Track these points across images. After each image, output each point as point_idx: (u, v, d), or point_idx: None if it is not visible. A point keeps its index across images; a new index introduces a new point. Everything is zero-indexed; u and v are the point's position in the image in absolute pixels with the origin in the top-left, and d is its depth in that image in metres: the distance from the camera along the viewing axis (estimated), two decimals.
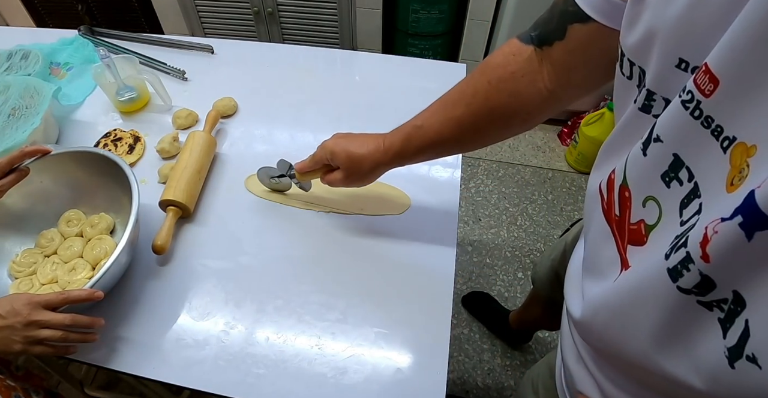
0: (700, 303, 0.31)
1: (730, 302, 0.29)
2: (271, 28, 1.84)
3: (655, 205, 0.37)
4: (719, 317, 0.30)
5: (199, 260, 0.70)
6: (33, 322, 0.51)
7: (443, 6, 1.64)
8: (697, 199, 0.32)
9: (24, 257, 0.68)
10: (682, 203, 0.34)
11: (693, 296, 0.31)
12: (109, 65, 0.84)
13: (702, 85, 0.30)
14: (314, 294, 0.66)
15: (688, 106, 0.32)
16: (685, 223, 0.33)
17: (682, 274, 0.31)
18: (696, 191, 0.33)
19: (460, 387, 1.29)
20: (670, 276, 0.32)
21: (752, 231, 0.26)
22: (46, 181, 0.70)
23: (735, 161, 0.30)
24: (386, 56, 1.04)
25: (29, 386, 0.65)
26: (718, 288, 0.29)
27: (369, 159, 0.60)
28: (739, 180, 0.29)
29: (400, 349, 0.61)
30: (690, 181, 0.33)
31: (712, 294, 0.30)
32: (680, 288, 0.31)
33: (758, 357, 0.27)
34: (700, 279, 0.30)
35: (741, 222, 0.26)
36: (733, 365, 0.29)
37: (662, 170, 0.35)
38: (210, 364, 0.60)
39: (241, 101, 0.92)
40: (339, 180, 0.64)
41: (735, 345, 0.29)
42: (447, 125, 0.56)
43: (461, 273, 1.51)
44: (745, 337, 0.28)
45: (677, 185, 0.34)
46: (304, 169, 0.68)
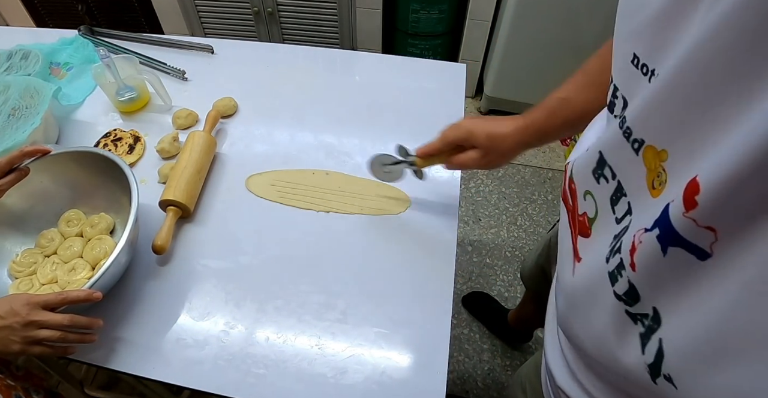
0: (628, 314, 0.31)
1: (650, 318, 0.29)
2: (271, 28, 1.84)
3: (592, 199, 0.37)
4: (640, 331, 0.30)
5: (199, 260, 0.70)
6: (31, 322, 0.51)
7: (443, 6, 1.64)
8: (624, 198, 0.33)
9: (24, 257, 0.68)
10: (612, 200, 0.34)
11: (623, 304, 0.31)
12: (109, 65, 0.84)
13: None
14: (314, 294, 0.66)
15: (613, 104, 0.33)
16: (620, 221, 0.33)
17: (617, 279, 0.31)
18: (621, 189, 0.33)
19: (460, 387, 1.29)
20: (609, 280, 0.32)
21: (666, 246, 0.26)
22: (46, 181, 0.70)
23: (649, 164, 0.30)
24: (386, 56, 1.04)
25: (29, 386, 0.65)
26: (642, 300, 0.29)
27: (511, 137, 0.59)
28: (659, 184, 0.29)
29: (400, 349, 0.61)
30: (614, 179, 0.34)
31: (637, 306, 0.30)
32: (615, 294, 0.31)
33: (673, 377, 0.27)
34: (628, 287, 0.30)
35: (658, 235, 0.26)
36: (655, 381, 0.29)
37: (593, 166, 0.36)
38: (210, 364, 0.60)
39: (241, 101, 0.92)
40: (475, 160, 0.61)
41: (653, 362, 0.29)
42: (594, 92, 0.53)
43: (461, 273, 1.51)
44: (660, 356, 0.28)
45: (605, 182, 0.35)
46: (431, 152, 0.64)
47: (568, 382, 0.44)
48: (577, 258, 0.40)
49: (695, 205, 0.23)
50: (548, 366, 0.50)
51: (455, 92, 0.93)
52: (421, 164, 0.66)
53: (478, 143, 0.60)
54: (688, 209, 0.24)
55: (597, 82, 0.54)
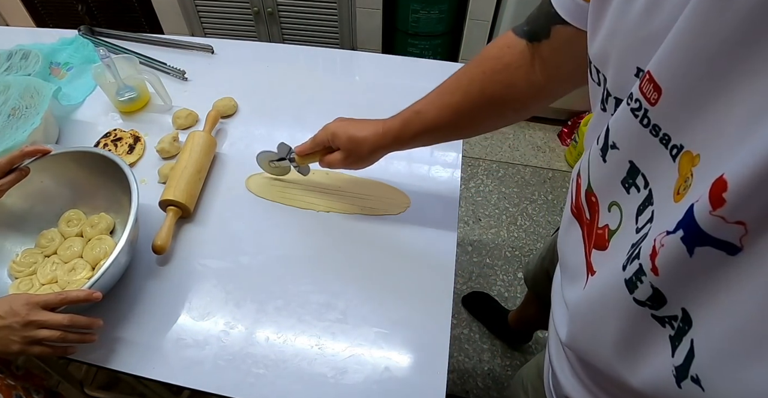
0: (654, 318, 0.31)
1: (680, 320, 0.29)
2: (271, 28, 1.84)
3: (618, 211, 0.37)
4: (670, 334, 0.30)
5: (199, 260, 0.70)
6: (31, 322, 0.51)
7: (443, 6, 1.64)
8: (651, 207, 0.32)
9: (24, 257, 0.68)
10: (639, 210, 0.34)
11: (647, 309, 0.31)
12: (109, 65, 0.84)
13: (647, 93, 0.30)
14: (314, 294, 0.66)
15: (637, 114, 0.32)
16: (640, 231, 0.33)
17: (637, 286, 0.30)
18: (650, 198, 0.33)
19: (460, 387, 1.29)
20: (627, 287, 0.32)
21: (693, 247, 0.26)
22: (47, 180, 0.70)
23: (682, 170, 0.29)
24: (386, 56, 1.04)
25: (29, 385, 0.65)
26: (668, 303, 0.29)
27: (368, 141, 0.62)
28: (684, 189, 0.29)
29: (400, 349, 0.61)
30: (645, 187, 0.34)
31: (664, 309, 0.30)
32: (636, 300, 0.31)
33: (701, 378, 0.27)
34: (652, 292, 0.29)
35: (682, 237, 0.26)
36: (680, 384, 0.28)
37: (621, 176, 0.36)
38: (210, 364, 0.60)
39: (241, 101, 0.92)
40: (338, 161, 0.65)
41: (681, 364, 0.28)
42: (444, 111, 0.58)
43: (461, 273, 1.51)
44: (690, 358, 0.28)
45: (635, 191, 0.35)
46: (305, 151, 0.69)
47: (576, 389, 0.44)
48: (591, 272, 0.40)
49: (723, 203, 0.23)
50: (552, 368, 0.50)
51: None
52: (300, 161, 0.71)
53: (341, 145, 0.64)
54: (715, 207, 0.24)
55: (448, 102, 0.58)
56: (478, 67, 0.55)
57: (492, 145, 1.88)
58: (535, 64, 0.51)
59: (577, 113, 1.83)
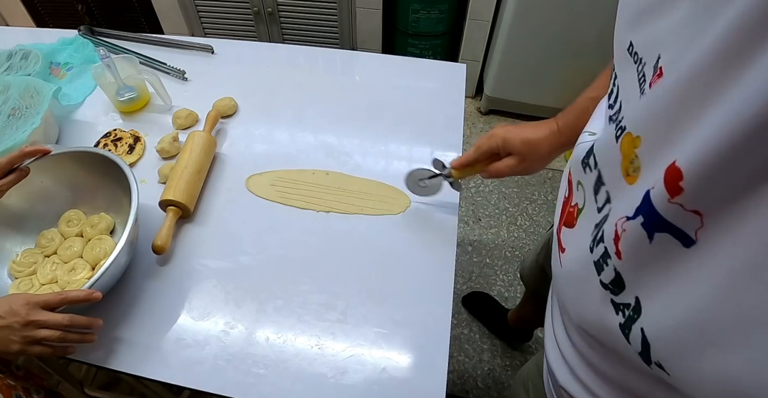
0: (612, 303, 0.31)
1: (631, 308, 0.30)
2: (271, 28, 1.84)
3: (582, 189, 0.38)
4: (620, 322, 0.31)
5: (199, 260, 0.70)
6: (31, 322, 0.51)
7: (443, 6, 1.64)
8: (603, 187, 0.33)
9: (24, 257, 0.68)
10: (594, 189, 0.35)
11: (609, 293, 0.31)
12: (109, 65, 0.84)
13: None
14: (314, 294, 0.66)
15: (611, 96, 0.34)
16: (601, 210, 0.34)
17: (603, 268, 0.31)
18: (600, 178, 0.34)
19: (460, 387, 1.29)
20: (596, 269, 0.32)
21: (652, 232, 0.26)
22: (47, 181, 0.70)
23: (624, 150, 0.30)
24: (386, 56, 1.04)
25: (30, 385, 0.65)
26: (626, 289, 0.30)
27: (546, 141, 0.60)
28: (633, 171, 0.29)
29: (400, 349, 0.61)
30: (595, 167, 0.35)
31: (621, 296, 0.30)
32: (602, 283, 0.32)
33: (663, 365, 0.27)
34: (614, 275, 0.30)
35: (642, 222, 0.27)
36: (650, 366, 0.29)
37: (582, 156, 0.37)
38: (210, 364, 0.60)
39: (241, 101, 0.92)
40: (511, 166, 0.62)
41: (642, 351, 0.29)
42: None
43: (461, 273, 1.51)
44: (646, 345, 0.28)
45: (589, 171, 0.36)
46: (467, 163, 0.65)
47: (569, 381, 0.45)
48: (561, 249, 0.41)
49: (680, 191, 0.24)
50: (549, 365, 0.50)
51: (455, 92, 0.93)
52: (458, 175, 0.67)
53: (514, 150, 0.61)
54: (673, 195, 0.24)
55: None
56: None
57: None
58: None
59: None
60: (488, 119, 1.97)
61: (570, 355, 0.44)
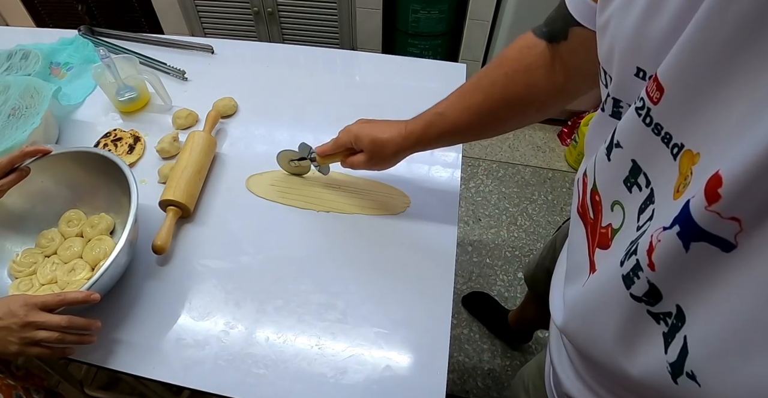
0: (650, 314, 0.31)
1: (674, 316, 0.29)
2: (271, 28, 1.84)
3: (620, 210, 0.37)
4: (663, 331, 0.30)
5: (199, 260, 0.70)
6: (29, 323, 0.51)
7: (443, 6, 1.64)
8: (652, 205, 0.33)
9: (24, 257, 0.68)
10: (640, 208, 0.34)
11: (644, 305, 0.31)
12: (109, 65, 0.84)
13: (651, 92, 0.31)
14: (314, 294, 0.66)
15: (640, 113, 0.33)
16: (640, 229, 0.33)
17: (634, 282, 0.31)
18: (651, 197, 0.33)
19: (460, 387, 1.29)
20: (624, 283, 0.32)
21: (688, 242, 0.26)
22: (47, 181, 0.70)
23: (683, 169, 0.30)
24: (386, 56, 1.04)
25: (29, 385, 0.65)
26: (664, 299, 0.29)
27: (392, 143, 0.62)
28: (683, 187, 0.29)
29: (400, 349, 0.61)
30: (647, 186, 0.34)
31: (659, 306, 0.30)
32: (633, 296, 0.31)
33: (697, 375, 0.27)
34: (648, 287, 0.30)
35: (678, 232, 0.26)
36: (676, 381, 0.29)
37: (624, 175, 0.36)
38: (210, 364, 0.60)
39: (241, 101, 0.92)
40: (362, 162, 0.66)
41: (675, 361, 0.29)
42: (466, 113, 0.58)
43: (461, 273, 1.51)
44: (684, 354, 0.28)
45: (637, 190, 0.35)
46: (326, 152, 0.69)
47: (576, 386, 0.44)
48: (593, 270, 0.40)
49: (718, 198, 0.23)
50: (555, 370, 0.49)
51: None
52: (321, 162, 0.72)
53: (364, 147, 0.64)
54: (710, 203, 0.24)
55: (470, 104, 0.58)
56: (499, 69, 0.56)
57: (492, 145, 1.88)
58: (555, 64, 0.52)
59: (577, 113, 1.83)
60: None
61: (578, 361, 0.44)
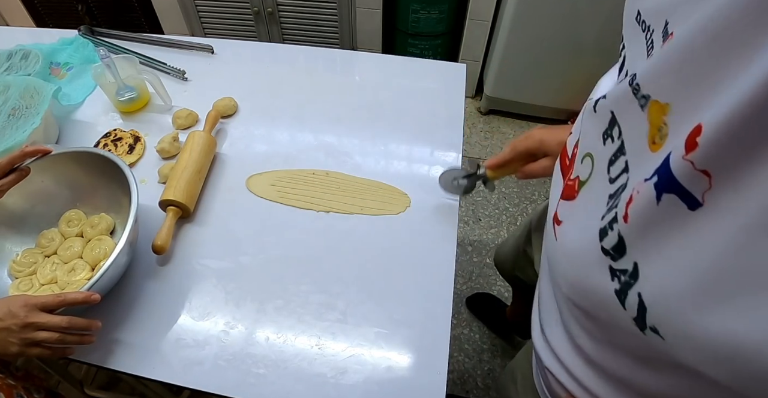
0: (610, 270, 0.32)
1: (628, 274, 0.30)
2: (271, 28, 1.84)
3: (590, 162, 0.38)
4: (615, 288, 0.31)
5: (199, 260, 0.70)
6: (30, 324, 0.51)
7: (443, 6, 1.64)
8: (623, 157, 0.34)
9: (24, 257, 0.68)
10: (610, 160, 0.35)
11: (609, 259, 0.32)
12: (109, 65, 0.84)
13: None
14: (314, 294, 0.66)
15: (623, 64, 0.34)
16: (614, 181, 0.34)
17: (607, 234, 0.32)
18: (622, 148, 0.34)
19: (460, 387, 1.29)
20: (599, 236, 0.33)
21: (661, 193, 0.27)
22: (47, 181, 0.70)
23: (652, 119, 0.30)
24: (386, 56, 1.04)
25: (30, 385, 0.65)
26: (626, 255, 0.30)
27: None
28: (660, 139, 0.29)
29: (400, 349, 0.61)
30: (618, 138, 0.35)
31: (620, 262, 0.31)
32: (603, 249, 0.32)
33: (659, 329, 0.28)
34: (617, 241, 0.30)
35: (656, 183, 0.27)
36: (644, 332, 0.29)
37: (603, 128, 0.37)
38: (210, 364, 0.60)
39: (241, 101, 0.92)
40: (546, 168, 0.63)
41: (637, 316, 0.29)
42: None
43: (461, 273, 1.51)
44: (643, 310, 0.29)
45: (610, 142, 0.36)
46: (503, 161, 0.66)
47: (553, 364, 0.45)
48: (557, 222, 0.41)
49: (695, 146, 0.24)
50: (535, 348, 0.51)
51: (455, 92, 0.93)
52: (492, 176, 0.68)
53: (551, 151, 0.61)
54: (688, 151, 0.24)
55: None
56: None
57: (492, 145, 1.88)
58: None
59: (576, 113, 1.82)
60: (488, 119, 1.97)
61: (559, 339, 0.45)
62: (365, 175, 0.80)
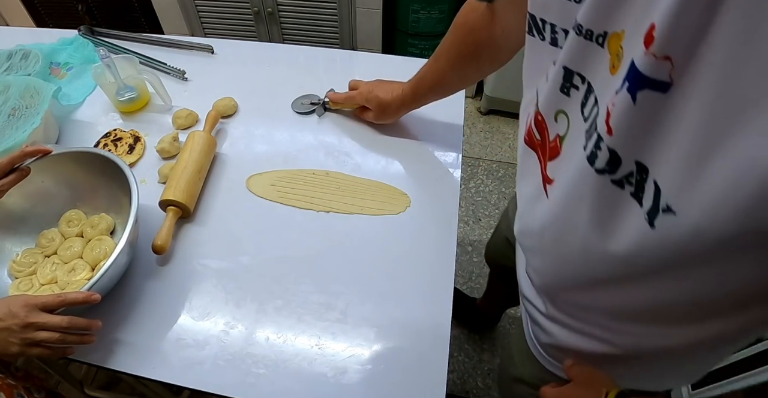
0: (614, 183, 0.34)
1: (635, 173, 0.33)
2: (271, 28, 1.84)
3: (564, 117, 0.42)
4: (631, 191, 0.34)
5: (199, 260, 0.70)
6: (30, 324, 0.51)
7: (443, 6, 1.64)
8: (592, 94, 0.37)
9: (24, 257, 0.68)
10: (582, 103, 0.38)
11: (607, 176, 0.35)
12: (109, 65, 0.84)
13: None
14: (314, 294, 0.66)
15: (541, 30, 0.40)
16: (588, 118, 0.37)
17: (597, 155, 0.34)
18: (590, 88, 0.37)
19: (460, 387, 1.29)
20: (588, 162, 0.36)
21: (635, 92, 0.30)
22: (47, 181, 0.70)
23: (612, 49, 0.34)
24: (386, 56, 1.04)
25: (30, 385, 0.65)
26: (623, 162, 0.33)
27: (394, 103, 0.80)
28: (618, 61, 0.33)
29: (400, 349, 0.61)
30: (584, 82, 0.38)
31: (620, 171, 0.33)
32: (597, 171, 0.35)
33: (671, 205, 0.30)
34: (609, 155, 0.33)
35: (627, 87, 0.30)
36: (654, 224, 0.32)
37: (559, 85, 0.41)
38: (210, 364, 0.60)
39: (241, 101, 0.92)
40: (371, 117, 0.85)
41: (651, 206, 0.32)
42: (438, 74, 0.74)
43: (461, 273, 1.51)
44: (657, 195, 0.31)
45: (575, 91, 0.39)
46: (338, 101, 0.87)
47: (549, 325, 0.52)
48: (548, 182, 0.44)
49: (652, 40, 0.27)
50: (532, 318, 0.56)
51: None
52: (333, 106, 0.89)
53: (373, 107, 0.82)
54: (647, 46, 0.28)
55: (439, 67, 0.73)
56: (453, 34, 0.68)
57: (492, 145, 1.88)
58: (495, 21, 0.62)
59: None
60: (488, 119, 1.97)
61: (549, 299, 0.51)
62: (365, 175, 0.80)
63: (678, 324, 0.40)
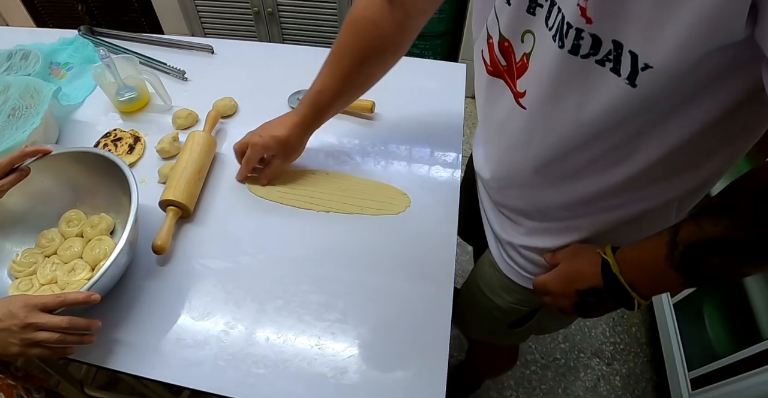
0: (597, 63, 0.39)
1: (613, 50, 0.37)
2: (271, 28, 1.84)
3: (531, 35, 0.45)
4: (610, 67, 0.38)
5: (199, 260, 0.70)
6: (30, 325, 0.51)
7: (443, 6, 1.64)
8: (555, 6, 0.40)
9: (24, 257, 0.68)
10: (546, 17, 0.42)
11: (591, 58, 0.39)
12: (109, 65, 0.84)
13: None
14: (314, 294, 0.66)
15: None
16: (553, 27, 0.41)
17: (580, 44, 0.39)
18: (553, 2, 0.41)
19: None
20: (572, 54, 0.39)
21: None
22: (47, 181, 0.70)
23: None
24: None
25: (30, 385, 0.65)
26: (603, 43, 0.38)
27: (293, 135, 0.72)
28: None
29: (400, 349, 0.61)
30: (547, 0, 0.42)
31: (602, 50, 0.38)
32: (582, 56, 0.39)
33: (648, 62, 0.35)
34: (591, 40, 0.38)
35: None
36: (635, 83, 0.37)
37: (525, 6, 0.44)
38: (210, 364, 0.60)
39: (241, 101, 0.92)
40: (280, 165, 0.75)
41: (630, 71, 0.37)
42: (339, 82, 0.68)
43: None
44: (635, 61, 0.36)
45: (540, 8, 0.43)
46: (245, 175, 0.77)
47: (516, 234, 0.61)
48: (520, 95, 0.48)
49: None
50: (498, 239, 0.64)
51: (455, 92, 0.93)
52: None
53: (275, 151, 0.73)
54: None
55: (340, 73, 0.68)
56: (352, 32, 0.65)
57: None
58: (395, 10, 0.62)
59: None
60: None
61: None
62: (365, 175, 0.80)
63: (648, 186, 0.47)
